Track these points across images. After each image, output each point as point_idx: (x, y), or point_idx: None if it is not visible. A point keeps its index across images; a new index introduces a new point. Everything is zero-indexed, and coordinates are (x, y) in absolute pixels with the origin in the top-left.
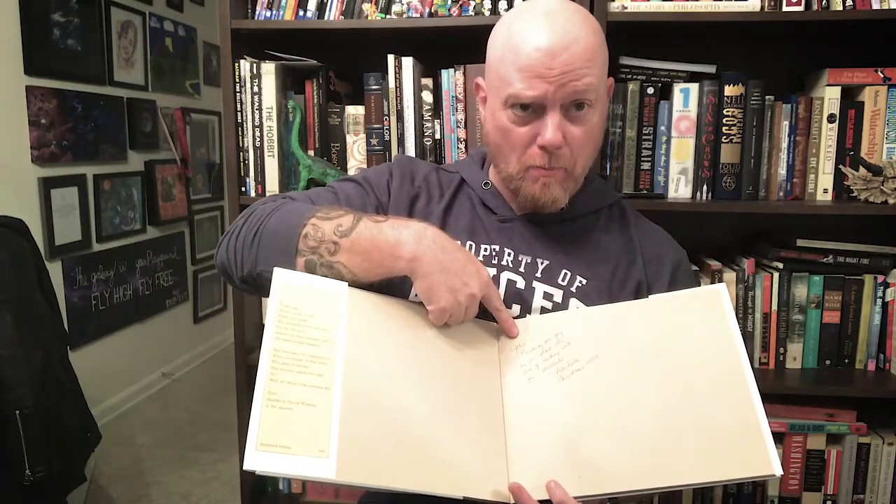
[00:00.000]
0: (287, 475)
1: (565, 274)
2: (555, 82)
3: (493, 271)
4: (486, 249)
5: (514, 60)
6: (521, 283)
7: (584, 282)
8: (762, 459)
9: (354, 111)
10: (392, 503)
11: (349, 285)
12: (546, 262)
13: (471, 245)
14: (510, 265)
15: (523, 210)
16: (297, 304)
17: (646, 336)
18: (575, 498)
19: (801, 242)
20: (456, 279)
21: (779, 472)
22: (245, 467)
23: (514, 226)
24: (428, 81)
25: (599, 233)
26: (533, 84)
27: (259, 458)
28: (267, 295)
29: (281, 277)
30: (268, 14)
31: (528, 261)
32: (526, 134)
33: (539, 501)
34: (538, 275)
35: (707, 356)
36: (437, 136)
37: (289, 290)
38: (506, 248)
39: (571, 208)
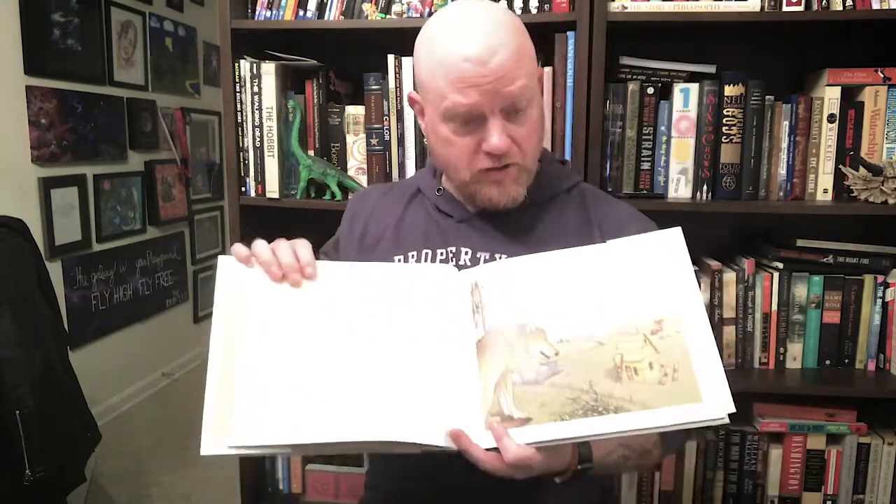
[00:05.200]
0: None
1: None
2: (489, 90)
3: None
4: (441, 253)
5: (445, 74)
6: (470, 268)
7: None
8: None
9: (354, 111)
10: (392, 501)
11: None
12: (504, 256)
13: (426, 253)
14: (468, 264)
15: (478, 207)
16: (241, 288)
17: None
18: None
19: (801, 242)
20: None
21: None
22: (202, 453)
23: (471, 224)
24: None
25: (556, 218)
26: (468, 94)
27: (215, 443)
28: None
29: (224, 264)
30: (268, 14)
31: (487, 257)
32: (470, 143)
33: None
34: None
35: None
36: None
37: (232, 276)
38: (462, 248)
39: (525, 198)
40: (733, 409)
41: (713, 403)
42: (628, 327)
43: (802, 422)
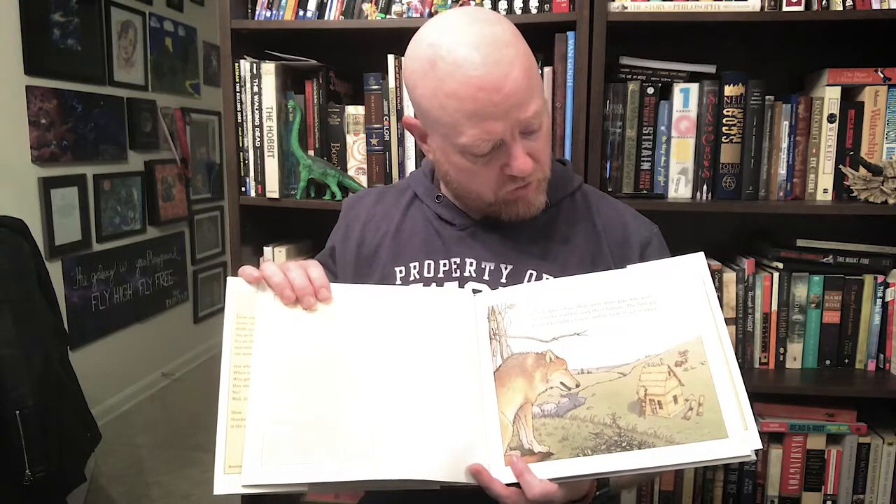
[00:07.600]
0: (248, 493)
1: (531, 274)
2: (505, 116)
3: (455, 284)
4: (444, 265)
5: (457, 108)
6: (486, 292)
7: (551, 279)
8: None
9: (354, 111)
10: (391, 502)
11: None
12: (510, 266)
13: (429, 264)
14: (473, 275)
15: (481, 215)
16: (252, 313)
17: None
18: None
19: (801, 242)
20: None
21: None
22: (215, 492)
23: (474, 232)
24: None
25: (562, 225)
26: (485, 127)
27: (228, 481)
28: None
29: (234, 287)
30: (268, 14)
31: (492, 267)
32: (493, 170)
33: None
34: (503, 280)
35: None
36: None
37: (242, 300)
38: (467, 259)
39: None
40: (759, 446)
41: (739, 439)
42: (652, 359)
43: (802, 422)
